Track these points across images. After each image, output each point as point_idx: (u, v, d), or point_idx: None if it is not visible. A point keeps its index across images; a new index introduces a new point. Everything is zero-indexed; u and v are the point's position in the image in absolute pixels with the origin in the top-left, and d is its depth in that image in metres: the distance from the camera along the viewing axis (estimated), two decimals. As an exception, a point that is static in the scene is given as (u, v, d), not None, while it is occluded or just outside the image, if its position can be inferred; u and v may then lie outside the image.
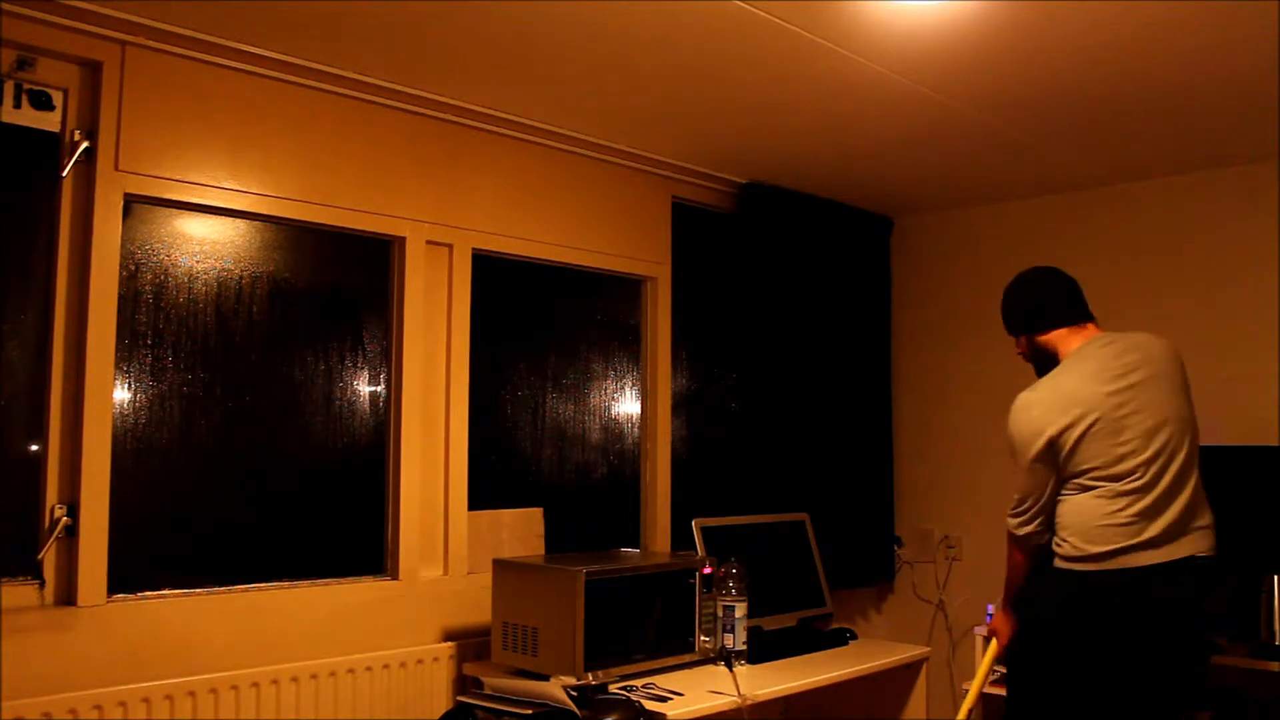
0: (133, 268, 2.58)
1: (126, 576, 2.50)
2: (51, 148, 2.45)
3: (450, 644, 2.98)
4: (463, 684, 2.92)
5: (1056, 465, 2.51)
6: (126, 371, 2.57)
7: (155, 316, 2.63)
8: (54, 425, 2.41)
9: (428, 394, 3.07)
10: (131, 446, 2.57)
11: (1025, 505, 2.58)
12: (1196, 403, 2.61)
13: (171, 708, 2.45)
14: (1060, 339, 2.65)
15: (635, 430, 3.71)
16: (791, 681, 2.89)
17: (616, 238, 3.57)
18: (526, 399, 3.44)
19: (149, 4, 2.43)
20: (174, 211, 2.66)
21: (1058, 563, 2.54)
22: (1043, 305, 2.67)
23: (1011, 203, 4.19)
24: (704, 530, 3.34)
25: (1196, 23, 2.47)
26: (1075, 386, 2.52)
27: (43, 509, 2.40)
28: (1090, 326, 2.65)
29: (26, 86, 2.41)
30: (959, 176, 3.88)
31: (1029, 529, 2.59)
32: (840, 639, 3.42)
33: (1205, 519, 2.51)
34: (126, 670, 2.42)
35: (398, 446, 2.99)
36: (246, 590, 2.69)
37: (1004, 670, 2.84)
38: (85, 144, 2.45)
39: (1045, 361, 2.67)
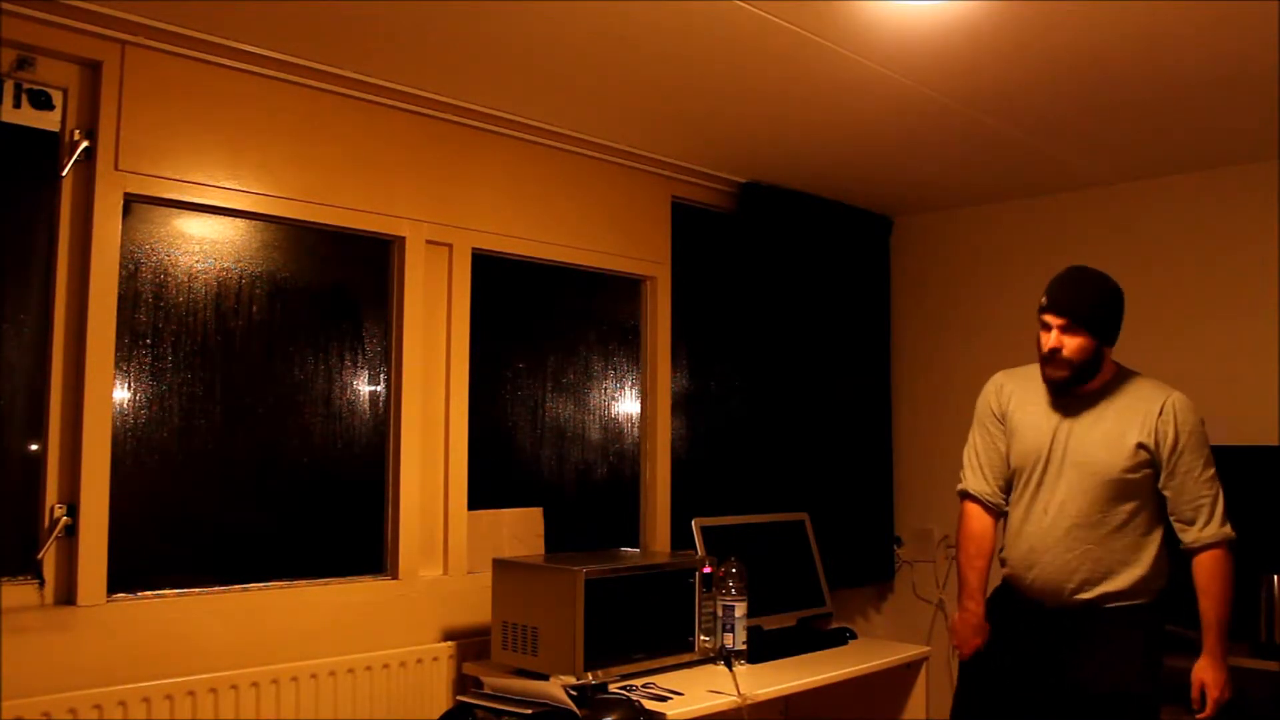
0: (132, 267, 2.58)
1: (126, 576, 2.50)
2: (51, 147, 2.45)
3: (450, 644, 2.98)
4: (462, 683, 2.92)
5: None
6: (126, 371, 2.57)
7: (155, 316, 2.63)
8: (54, 425, 2.41)
9: (428, 394, 3.07)
10: (131, 446, 2.57)
11: None
12: (1197, 402, 2.62)
13: (171, 708, 2.45)
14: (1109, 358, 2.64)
15: (635, 430, 3.71)
16: (791, 681, 2.89)
17: (616, 238, 3.57)
18: (526, 399, 3.44)
19: (149, 4, 2.43)
20: (174, 211, 2.66)
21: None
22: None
23: (1011, 203, 4.18)
24: (704, 530, 3.34)
25: (1196, 22, 2.46)
26: None
27: (43, 509, 2.40)
28: None
29: (26, 86, 2.41)
30: (959, 176, 3.87)
31: None
32: (840, 639, 3.42)
33: None
34: (126, 670, 2.42)
35: (398, 446, 2.99)
36: (246, 590, 2.69)
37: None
38: (85, 144, 2.45)
39: (1090, 369, 2.57)
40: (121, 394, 2.55)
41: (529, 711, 2.54)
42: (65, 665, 2.35)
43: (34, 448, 2.43)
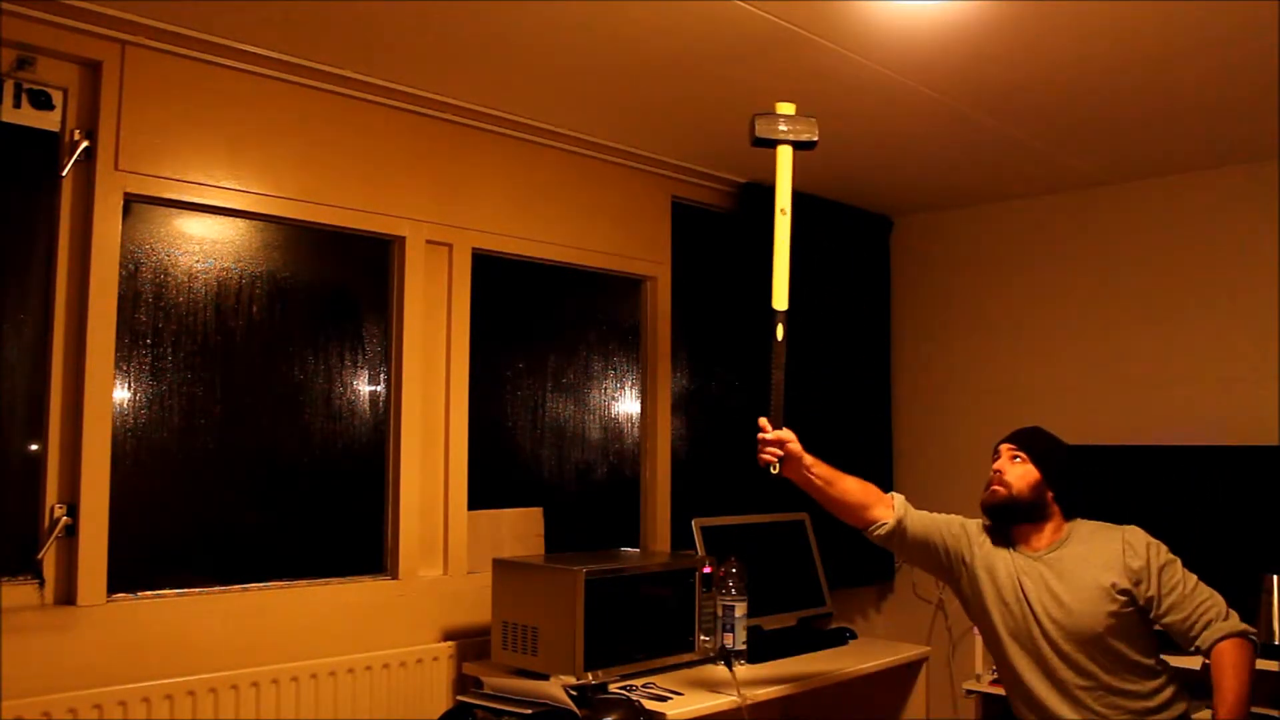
0: (132, 267, 2.58)
1: (126, 576, 2.50)
2: (51, 147, 2.45)
3: (450, 643, 2.98)
4: (463, 683, 2.92)
5: None
6: (126, 371, 2.57)
7: (155, 316, 2.63)
8: (54, 425, 2.41)
9: (428, 394, 3.07)
10: (131, 446, 2.57)
11: None
12: (1197, 402, 2.60)
13: (171, 707, 2.45)
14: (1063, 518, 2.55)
15: (635, 430, 3.71)
16: (791, 681, 2.89)
17: (616, 237, 3.57)
18: (526, 399, 3.44)
19: (149, 4, 2.43)
20: (174, 211, 2.66)
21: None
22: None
23: (1011, 203, 4.18)
24: (704, 530, 3.34)
25: (1196, 22, 2.46)
26: None
27: (43, 509, 2.40)
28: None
29: (26, 86, 2.41)
30: (959, 176, 3.87)
31: None
32: (840, 638, 3.42)
33: None
34: (126, 670, 2.42)
35: (398, 446, 2.99)
36: (246, 590, 2.69)
37: None
38: (85, 144, 2.45)
39: (1029, 507, 2.53)
40: (121, 394, 2.55)
41: (529, 711, 2.54)
42: (65, 665, 2.35)
43: (34, 448, 2.43)
